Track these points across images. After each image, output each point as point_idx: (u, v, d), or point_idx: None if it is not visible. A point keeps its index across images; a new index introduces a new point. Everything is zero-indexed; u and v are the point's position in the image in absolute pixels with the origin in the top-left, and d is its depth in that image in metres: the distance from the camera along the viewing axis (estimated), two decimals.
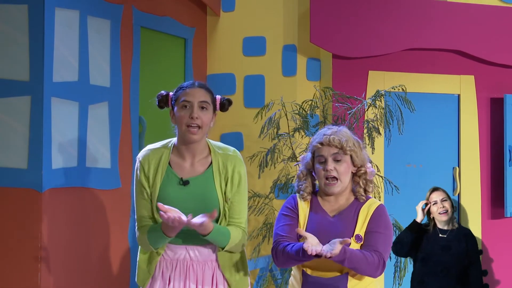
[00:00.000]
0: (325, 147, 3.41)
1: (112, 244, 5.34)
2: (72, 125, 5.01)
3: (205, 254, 3.53)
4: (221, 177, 3.49)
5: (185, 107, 3.45)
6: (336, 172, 3.39)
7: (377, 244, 3.35)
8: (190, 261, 3.52)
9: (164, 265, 3.54)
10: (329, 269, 3.37)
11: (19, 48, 4.77)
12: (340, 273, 3.37)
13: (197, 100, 3.46)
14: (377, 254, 3.32)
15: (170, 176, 3.49)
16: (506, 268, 6.51)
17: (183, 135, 3.46)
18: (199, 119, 3.43)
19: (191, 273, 3.51)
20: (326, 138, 3.41)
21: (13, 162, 4.77)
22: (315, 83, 6.46)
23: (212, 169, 3.50)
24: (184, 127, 3.43)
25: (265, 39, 6.57)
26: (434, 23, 6.45)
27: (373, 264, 3.30)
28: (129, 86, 5.58)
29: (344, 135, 3.44)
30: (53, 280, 4.80)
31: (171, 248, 3.53)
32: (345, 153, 3.41)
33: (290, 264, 3.43)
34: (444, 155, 6.58)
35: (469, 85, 6.57)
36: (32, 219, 4.71)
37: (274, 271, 5.94)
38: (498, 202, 6.50)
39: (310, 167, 3.50)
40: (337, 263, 3.26)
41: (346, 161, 3.42)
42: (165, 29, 6.12)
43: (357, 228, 3.39)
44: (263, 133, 5.79)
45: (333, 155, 3.40)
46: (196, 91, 3.49)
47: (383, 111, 5.72)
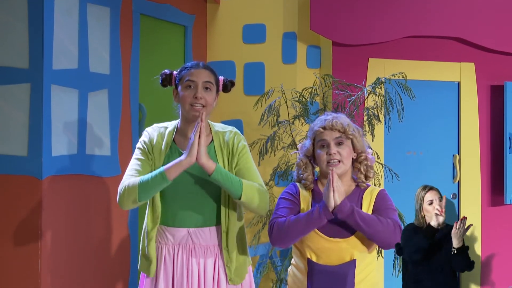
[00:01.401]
0: (327, 131, 3.42)
1: (111, 230, 5.35)
2: (72, 113, 5.01)
3: (207, 238, 3.54)
4: (223, 152, 3.54)
5: (189, 87, 3.50)
6: (339, 155, 3.39)
7: (388, 215, 3.36)
8: (193, 244, 3.53)
9: (167, 251, 3.56)
10: (336, 256, 3.35)
11: (19, 36, 4.77)
12: (349, 259, 3.35)
13: (201, 80, 3.52)
14: (391, 219, 3.32)
15: (173, 151, 3.55)
16: (505, 255, 6.52)
17: (186, 114, 3.51)
18: (203, 99, 3.49)
19: (193, 259, 3.53)
20: (329, 122, 3.42)
21: (13, 150, 4.77)
22: (315, 70, 6.45)
23: (214, 145, 3.55)
24: (188, 106, 3.49)
25: (265, 26, 6.56)
26: (434, 10, 6.44)
27: (388, 227, 3.28)
28: (129, 73, 5.57)
29: (345, 120, 3.45)
30: (53, 266, 4.81)
31: (172, 232, 3.55)
32: (347, 137, 3.42)
33: (291, 235, 3.34)
34: (444, 142, 6.58)
35: (469, 73, 6.56)
36: (32, 206, 4.72)
37: (274, 258, 5.96)
38: (498, 189, 6.50)
39: (310, 154, 3.50)
40: (354, 225, 3.26)
41: (348, 145, 3.43)
42: (165, 16, 6.12)
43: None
44: (263, 121, 5.79)
45: (335, 139, 3.41)
46: (201, 71, 3.54)
47: (383, 99, 5.72)
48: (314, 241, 3.37)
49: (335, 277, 3.35)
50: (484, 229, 6.49)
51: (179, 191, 3.52)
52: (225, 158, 3.55)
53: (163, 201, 3.56)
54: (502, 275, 6.49)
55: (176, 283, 3.54)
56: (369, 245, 3.40)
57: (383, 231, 3.28)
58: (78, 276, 5.02)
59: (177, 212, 3.54)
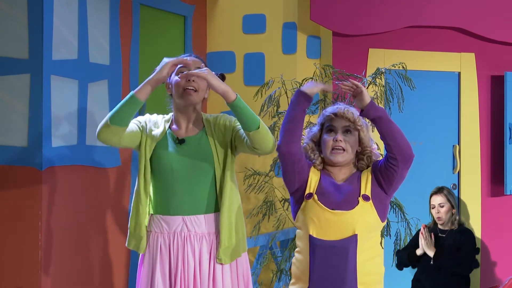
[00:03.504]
0: (338, 119, 3.49)
1: (112, 221, 5.35)
2: (72, 103, 5.00)
3: (202, 225, 3.56)
4: (214, 135, 3.61)
5: (182, 73, 3.58)
6: (344, 143, 3.45)
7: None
8: (188, 232, 3.56)
9: (162, 240, 3.58)
10: (338, 230, 3.37)
11: (18, 26, 4.75)
12: (351, 234, 3.36)
13: (194, 66, 3.61)
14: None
15: (168, 137, 3.63)
16: (505, 245, 6.53)
17: (180, 98, 3.60)
18: (196, 82, 3.57)
19: (188, 247, 3.55)
20: (341, 110, 3.49)
21: (13, 140, 4.77)
22: (315, 60, 6.44)
23: (205, 130, 3.63)
24: (181, 90, 3.57)
25: (265, 16, 6.55)
26: (434, 0, 6.43)
27: (404, 135, 3.39)
28: (129, 64, 5.57)
29: (356, 112, 3.51)
30: (54, 257, 4.81)
31: (167, 220, 3.57)
32: (355, 127, 3.48)
33: (286, 126, 3.46)
34: (444, 133, 6.58)
35: (470, 63, 6.55)
36: (33, 197, 4.72)
37: (274, 248, 5.96)
38: (498, 180, 6.51)
39: (316, 139, 3.56)
40: (385, 121, 3.37)
41: (354, 136, 3.49)
42: (165, 6, 6.10)
43: (362, 189, 3.42)
44: (263, 111, 5.78)
45: (343, 127, 3.48)
46: (193, 60, 3.65)
47: (383, 89, 5.71)
48: (316, 213, 3.40)
49: (336, 252, 3.35)
50: (484, 219, 6.49)
51: (173, 178, 3.57)
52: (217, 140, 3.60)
53: (157, 190, 3.60)
54: (502, 266, 6.50)
55: (172, 271, 3.56)
56: (371, 223, 3.40)
57: (402, 136, 3.38)
58: (78, 265, 5.03)
59: (171, 200, 3.58)
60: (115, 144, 3.51)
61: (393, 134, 3.37)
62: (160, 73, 3.46)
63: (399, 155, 3.36)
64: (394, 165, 3.37)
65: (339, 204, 3.39)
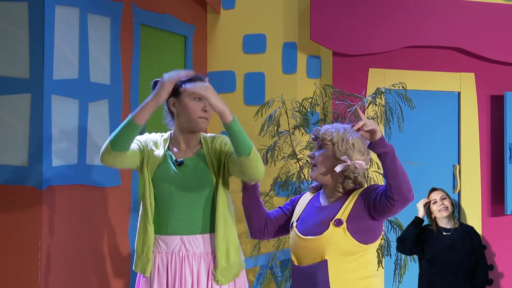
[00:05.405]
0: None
1: (112, 241, 5.34)
2: (72, 123, 5.01)
3: (200, 246, 3.56)
4: (211, 156, 3.61)
5: (198, 99, 3.57)
6: (315, 158, 3.47)
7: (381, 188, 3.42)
8: (186, 252, 3.55)
9: (160, 260, 3.58)
10: (309, 256, 3.37)
11: (19, 46, 4.77)
12: (319, 259, 3.34)
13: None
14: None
15: (167, 157, 3.63)
16: (506, 265, 6.51)
17: (190, 123, 3.59)
18: (208, 112, 3.60)
19: (186, 266, 3.55)
20: (317, 129, 3.54)
21: (13, 160, 4.77)
22: (315, 80, 6.46)
23: (203, 151, 3.63)
24: (196, 118, 3.58)
25: (265, 36, 6.57)
26: (434, 20, 6.45)
27: (407, 178, 3.30)
28: (129, 83, 5.58)
29: (330, 129, 3.48)
30: (54, 277, 4.80)
31: (165, 240, 3.57)
32: (324, 143, 3.46)
33: (246, 211, 3.62)
34: (444, 152, 6.58)
35: (470, 83, 6.57)
36: (33, 216, 4.71)
37: (275, 268, 5.95)
38: (498, 200, 6.50)
39: None
40: (390, 160, 3.26)
41: (327, 151, 3.45)
42: (165, 26, 6.12)
43: (339, 213, 3.37)
44: (263, 131, 5.79)
45: (317, 144, 3.53)
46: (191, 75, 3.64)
47: (383, 109, 5.72)
48: (294, 240, 3.44)
49: (306, 277, 3.37)
50: (484, 239, 6.48)
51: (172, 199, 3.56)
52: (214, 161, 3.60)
53: (156, 210, 3.59)
54: (504, 285, 6.48)
55: None
56: (345, 248, 3.35)
57: (404, 177, 3.28)
58: (77, 284, 5.01)
59: (169, 220, 3.57)
60: (119, 166, 3.52)
61: (396, 174, 3.26)
62: (158, 96, 3.45)
63: (397, 196, 3.26)
64: (391, 204, 3.28)
65: (312, 229, 3.38)
